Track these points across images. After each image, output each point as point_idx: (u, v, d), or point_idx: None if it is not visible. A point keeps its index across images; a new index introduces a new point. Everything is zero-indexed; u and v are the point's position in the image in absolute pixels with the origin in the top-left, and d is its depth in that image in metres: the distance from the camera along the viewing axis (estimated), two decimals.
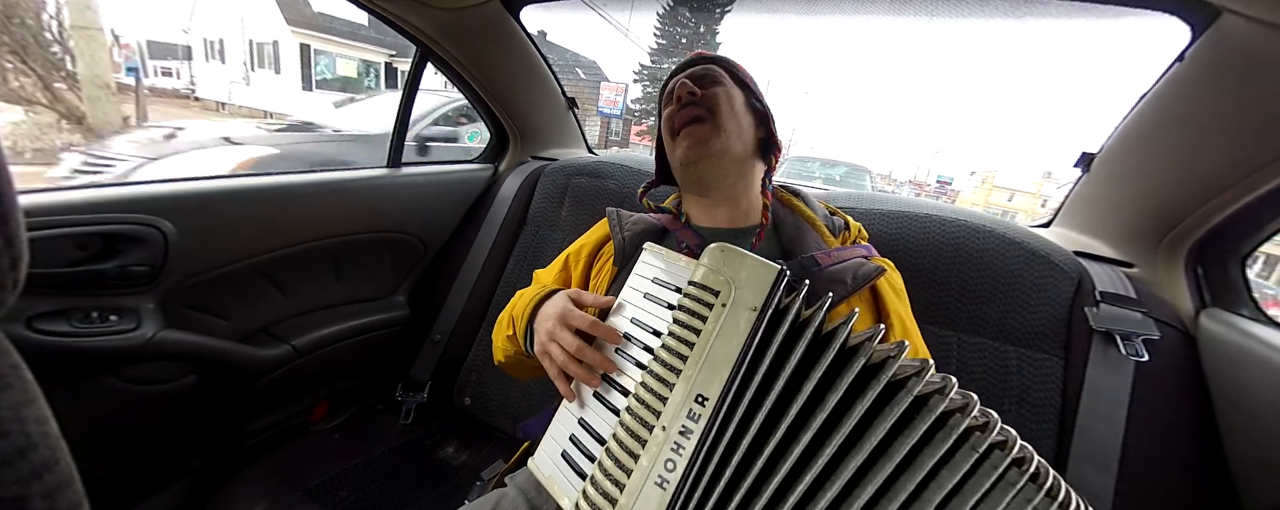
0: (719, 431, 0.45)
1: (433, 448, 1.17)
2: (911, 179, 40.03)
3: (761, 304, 0.47)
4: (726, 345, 0.47)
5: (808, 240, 0.76)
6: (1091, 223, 1.06)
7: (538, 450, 0.59)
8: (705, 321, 0.48)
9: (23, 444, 0.31)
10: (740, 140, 0.76)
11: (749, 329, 0.46)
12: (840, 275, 0.69)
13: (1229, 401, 0.78)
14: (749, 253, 0.50)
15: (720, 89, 0.76)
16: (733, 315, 0.47)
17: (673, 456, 0.45)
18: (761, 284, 0.47)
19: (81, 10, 6.11)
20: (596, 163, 1.33)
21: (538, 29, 12.28)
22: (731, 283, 0.48)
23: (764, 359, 0.46)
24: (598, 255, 0.84)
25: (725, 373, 0.46)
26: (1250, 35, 0.67)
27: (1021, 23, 1.07)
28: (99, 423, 0.91)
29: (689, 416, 0.46)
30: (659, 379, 0.49)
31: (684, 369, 0.47)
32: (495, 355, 0.81)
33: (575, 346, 0.57)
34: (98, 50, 6.44)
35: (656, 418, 0.47)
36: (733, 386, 0.46)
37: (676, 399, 0.47)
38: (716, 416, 0.45)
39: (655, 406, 0.48)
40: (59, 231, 0.79)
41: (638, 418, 0.48)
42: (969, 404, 0.44)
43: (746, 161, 0.78)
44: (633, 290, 0.59)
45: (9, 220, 0.31)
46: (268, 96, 14.22)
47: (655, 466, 0.46)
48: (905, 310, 0.73)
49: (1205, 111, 0.79)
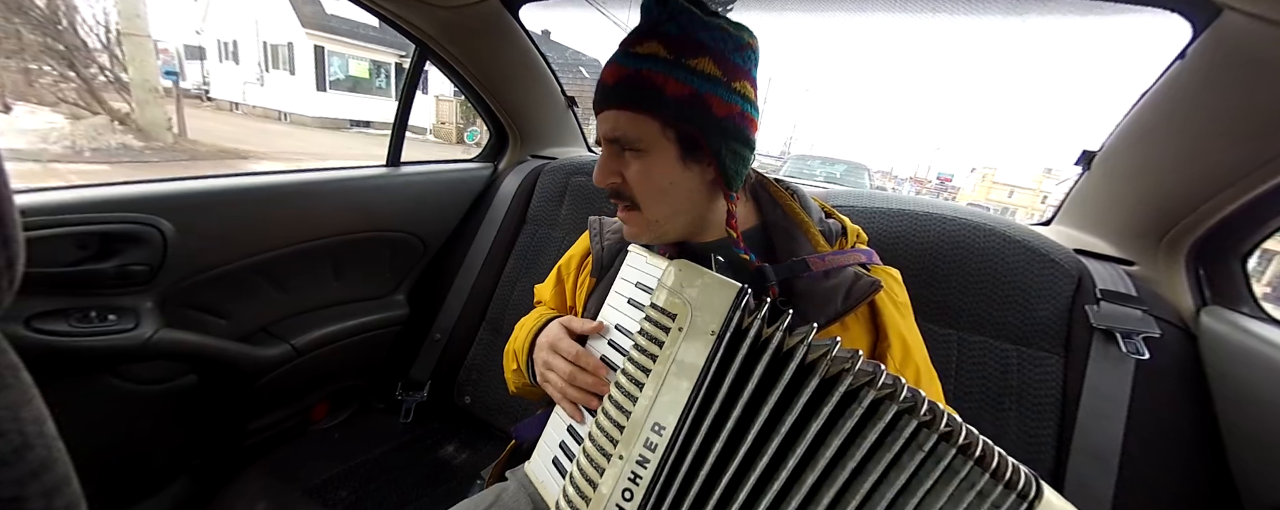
0: (676, 461, 0.45)
1: (433, 447, 1.17)
2: (913, 175, 40.09)
3: (719, 327, 0.45)
4: (682, 372, 0.45)
5: (797, 245, 0.69)
6: (1092, 220, 1.06)
7: (534, 454, 0.59)
8: (661, 347, 0.47)
9: (20, 443, 0.31)
10: (678, 211, 0.66)
11: (707, 354, 0.45)
12: (831, 295, 0.64)
13: (1229, 399, 0.78)
14: (707, 271, 0.48)
15: (643, 171, 0.62)
16: (690, 340, 0.46)
17: (630, 486, 0.45)
18: (721, 304, 0.46)
19: (131, 19, 6.70)
20: (596, 162, 1.33)
21: (541, 28, 12.09)
22: (689, 305, 0.47)
23: (723, 383, 0.45)
24: (582, 266, 0.82)
25: (682, 401, 0.45)
26: (1251, 32, 0.67)
27: (1023, 20, 1.07)
28: (98, 422, 0.91)
29: (646, 446, 0.45)
30: (617, 406, 0.48)
31: (639, 396, 0.46)
32: (509, 387, 0.81)
33: (568, 373, 0.57)
34: (145, 56, 7.05)
35: (614, 446, 0.46)
36: (690, 415, 0.44)
37: (632, 428, 0.46)
38: (673, 445, 0.44)
39: (613, 435, 0.47)
40: (57, 231, 0.79)
41: (597, 446, 0.48)
42: (916, 404, 0.43)
43: (700, 211, 0.68)
44: (618, 295, 0.59)
45: (6, 220, 0.31)
46: (282, 97, 14.43)
47: (613, 495, 0.45)
48: (907, 325, 0.67)
49: (1206, 109, 0.78)
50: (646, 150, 0.62)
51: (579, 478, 0.48)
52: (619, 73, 0.61)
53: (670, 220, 0.66)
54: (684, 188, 0.65)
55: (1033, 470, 0.44)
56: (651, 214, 0.65)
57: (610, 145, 0.64)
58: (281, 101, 14.46)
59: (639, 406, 0.46)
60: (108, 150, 6.74)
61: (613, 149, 0.64)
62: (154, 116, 7.20)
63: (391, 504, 0.97)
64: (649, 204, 0.64)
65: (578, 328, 0.61)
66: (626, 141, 0.62)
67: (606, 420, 0.48)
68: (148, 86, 7.09)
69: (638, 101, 0.60)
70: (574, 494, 0.48)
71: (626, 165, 0.63)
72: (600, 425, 0.48)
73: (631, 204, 0.65)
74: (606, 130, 0.64)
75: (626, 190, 0.64)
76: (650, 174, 0.63)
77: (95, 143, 6.75)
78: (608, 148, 0.64)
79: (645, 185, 0.63)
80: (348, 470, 1.04)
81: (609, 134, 0.63)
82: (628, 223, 0.67)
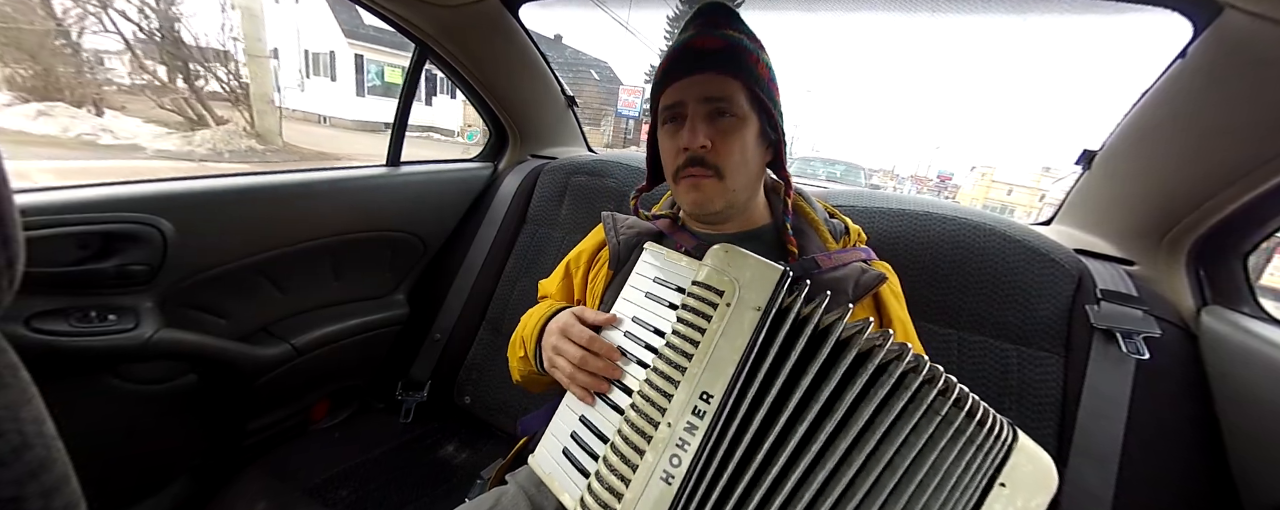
0: (724, 427, 0.46)
1: (433, 446, 1.17)
2: (913, 174, 40.35)
3: (765, 303, 0.48)
4: (731, 344, 0.48)
5: (811, 246, 0.74)
6: (1092, 220, 1.06)
7: (538, 447, 0.59)
8: (710, 320, 0.49)
9: (19, 443, 0.31)
10: (747, 186, 0.71)
11: (753, 328, 0.47)
12: (842, 284, 0.68)
13: (1230, 399, 0.78)
14: (752, 254, 0.51)
15: (735, 138, 0.66)
16: (737, 315, 0.48)
17: (678, 452, 0.46)
18: (765, 284, 0.48)
19: (253, 41, 8.21)
20: (596, 161, 1.33)
21: (553, 33, 12.61)
22: (736, 283, 0.49)
23: (767, 356, 0.47)
24: (594, 260, 0.83)
25: (730, 371, 0.47)
26: (1252, 31, 0.67)
27: (1024, 19, 1.07)
28: (98, 422, 0.91)
29: (694, 413, 0.47)
30: (664, 377, 0.49)
31: (689, 367, 0.48)
32: (512, 375, 0.81)
33: (578, 357, 0.58)
34: (264, 73, 8.57)
35: (662, 415, 0.48)
36: (737, 383, 0.47)
37: (682, 396, 0.48)
38: (721, 413, 0.46)
39: (661, 403, 0.49)
40: (57, 231, 0.79)
41: (643, 415, 0.49)
42: (935, 376, 0.48)
43: (754, 192, 0.74)
44: (634, 289, 0.60)
45: (5, 219, 0.31)
46: (322, 102, 15.54)
47: (660, 462, 0.47)
48: (905, 315, 0.73)
49: (1207, 108, 0.78)
50: (741, 117, 0.66)
51: (624, 446, 0.49)
52: (715, 42, 0.66)
53: (741, 192, 0.70)
54: (757, 164, 0.70)
55: (1011, 420, 0.51)
56: (733, 182, 0.68)
57: (705, 108, 0.66)
58: (323, 106, 15.56)
59: (686, 377, 0.48)
60: (239, 152, 8.18)
61: (707, 113, 0.66)
62: (269, 124, 8.77)
63: (391, 504, 0.97)
64: (733, 171, 0.67)
65: (591, 318, 0.62)
66: (725, 106, 0.65)
67: (653, 391, 0.49)
68: (264, 98, 8.64)
69: (738, 68, 0.65)
70: (619, 462, 0.49)
71: (720, 132, 0.66)
72: (646, 396, 0.50)
73: (715, 171, 0.67)
74: (701, 94, 0.66)
75: (712, 157, 0.66)
76: (743, 141, 0.67)
77: (230, 146, 8.21)
78: (700, 111, 0.66)
79: (736, 152, 0.66)
80: (348, 470, 1.04)
81: (707, 94, 0.65)
82: (700, 190, 0.68)
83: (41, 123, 7.47)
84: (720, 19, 0.68)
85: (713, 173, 0.67)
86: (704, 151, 0.66)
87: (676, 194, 0.73)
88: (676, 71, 0.68)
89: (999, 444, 0.48)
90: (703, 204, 0.69)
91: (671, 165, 0.71)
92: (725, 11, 0.69)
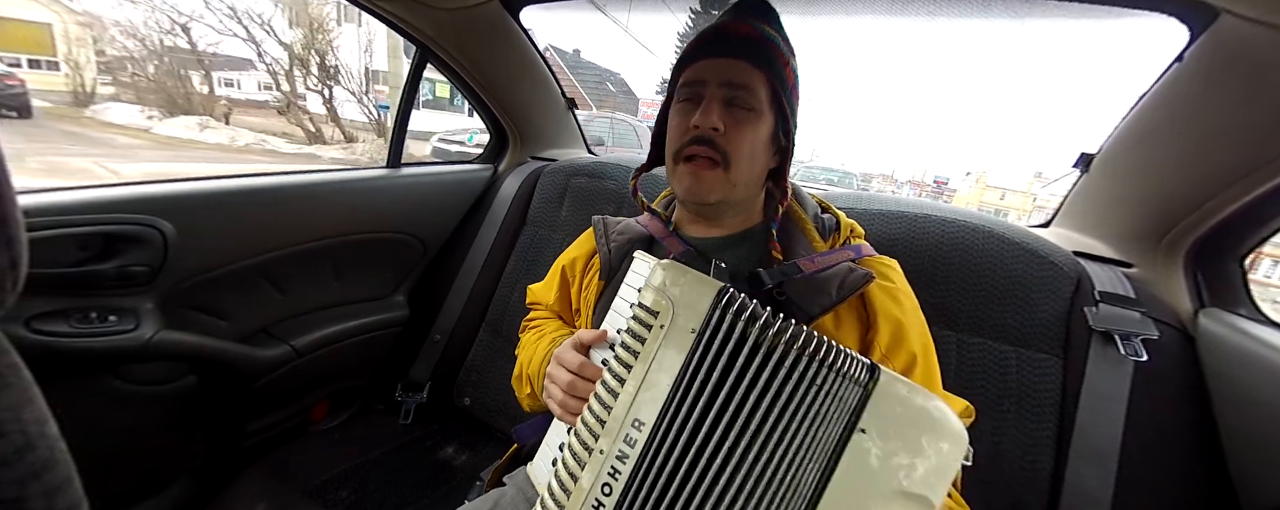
0: (654, 456, 0.45)
1: (432, 448, 1.17)
2: (910, 179, 40.81)
3: (700, 324, 0.46)
4: (662, 368, 0.46)
5: (796, 246, 0.71)
6: (1090, 223, 1.06)
7: (536, 457, 0.60)
8: (644, 343, 0.48)
9: (21, 444, 0.31)
10: (748, 185, 0.69)
11: (686, 351, 0.46)
12: (825, 286, 0.65)
13: (1228, 401, 0.78)
14: (692, 271, 0.49)
15: (747, 130, 0.64)
16: (671, 337, 0.47)
17: (609, 480, 0.46)
18: (701, 303, 0.47)
19: (397, 76, 9.09)
20: (596, 163, 1.33)
21: (572, 48, 13.80)
22: (672, 303, 0.47)
23: (699, 379, 0.46)
24: (587, 269, 0.82)
25: (663, 396, 0.46)
26: (1248, 36, 0.67)
27: (1021, 23, 1.07)
28: (99, 423, 0.91)
29: (625, 442, 0.46)
30: (602, 403, 0.48)
31: (621, 392, 0.47)
32: (522, 406, 0.80)
33: (567, 381, 0.57)
34: (395, 98, 8.91)
35: (595, 441, 0.47)
36: (668, 411, 0.45)
37: (614, 423, 0.47)
38: (651, 441, 0.45)
39: (595, 429, 0.48)
40: (58, 232, 0.79)
41: (580, 441, 0.49)
42: (807, 342, 0.45)
43: (753, 194, 0.72)
44: (622, 301, 0.59)
45: (8, 221, 0.31)
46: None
47: (593, 490, 0.46)
48: (899, 309, 0.67)
49: (1204, 112, 0.79)
50: (757, 111, 0.64)
51: (562, 472, 0.49)
52: (749, 30, 0.64)
53: (741, 189, 0.68)
54: (762, 164, 0.68)
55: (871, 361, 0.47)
56: (735, 175, 0.65)
57: (724, 92, 0.64)
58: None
59: (620, 402, 0.47)
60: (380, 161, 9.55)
61: (724, 98, 0.64)
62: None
63: (391, 505, 0.97)
64: (738, 163, 0.65)
65: (586, 339, 0.61)
66: (744, 97, 0.64)
67: (591, 416, 0.49)
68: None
69: (767, 61, 0.64)
70: (557, 487, 0.49)
71: (734, 120, 0.64)
72: (585, 421, 0.49)
73: (721, 159, 0.64)
74: (724, 77, 0.64)
75: (722, 142, 0.64)
76: (756, 135, 0.65)
77: (375, 156, 9.11)
78: (718, 94, 0.64)
79: (746, 145, 0.64)
80: (347, 471, 1.04)
81: (730, 79, 0.63)
82: (701, 180, 0.66)
83: (206, 134, 8.88)
84: (761, 12, 0.67)
85: (718, 160, 0.64)
86: (714, 134, 0.63)
87: (674, 178, 0.70)
88: (704, 51, 0.66)
89: (849, 383, 0.44)
90: (699, 194, 0.67)
91: (676, 143, 0.67)
92: (766, 7, 0.67)
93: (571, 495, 0.47)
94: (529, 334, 0.84)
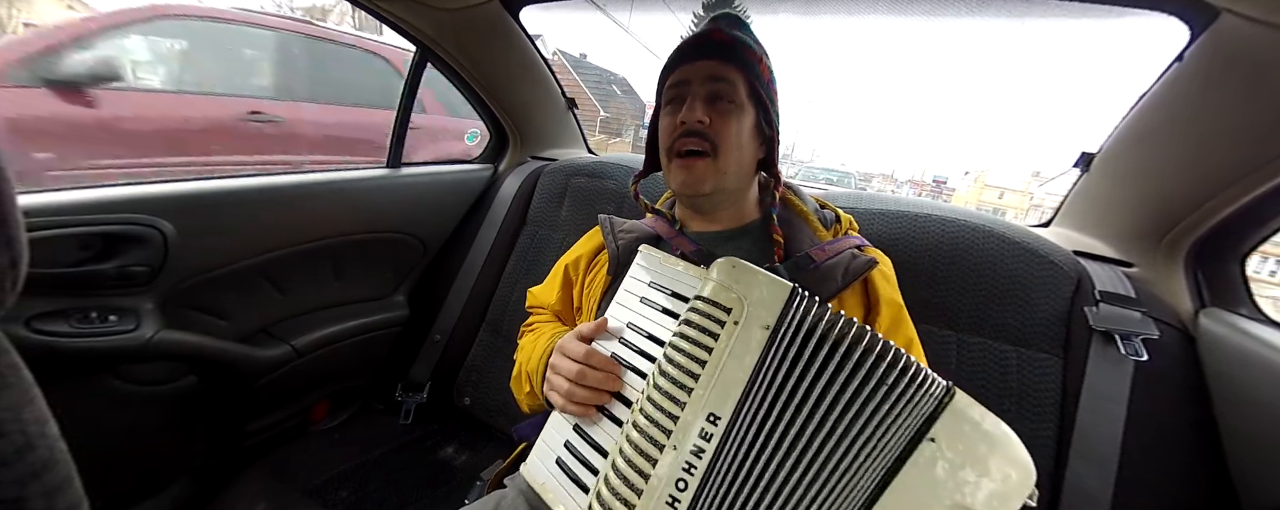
0: (732, 448, 0.46)
1: (432, 448, 1.17)
2: (910, 178, 41.02)
3: (774, 322, 0.47)
4: (739, 364, 0.47)
5: (802, 236, 0.76)
6: (1091, 222, 1.06)
7: (531, 456, 0.59)
8: (716, 339, 0.48)
9: (21, 444, 0.31)
10: (738, 174, 0.74)
11: (762, 347, 0.47)
12: (832, 272, 0.70)
13: (1228, 401, 0.78)
14: (761, 270, 0.50)
15: (731, 120, 0.71)
16: (745, 334, 0.47)
17: (685, 476, 0.45)
18: (774, 302, 0.48)
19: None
20: (596, 163, 1.33)
21: (579, 52, 15.01)
22: (743, 300, 0.48)
23: (773, 374, 0.47)
24: (593, 265, 0.83)
25: (738, 392, 0.46)
26: (1249, 35, 0.67)
27: (1021, 23, 1.07)
28: (99, 423, 0.91)
29: (701, 436, 0.46)
30: (668, 397, 0.48)
31: (695, 388, 0.47)
32: (521, 407, 0.81)
33: (574, 372, 0.57)
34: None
35: (667, 437, 0.47)
36: (746, 405, 0.46)
37: (688, 418, 0.47)
38: (729, 435, 0.46)
39: (665, 425, 0.47)
40: (58, 232, 0.79)
41: (646, 436, 0.48)
42: (873, 344, 0.48)
43: (745, 184, 0.78)
44: (629, 294, 0.59)
45: (8, 221, 0.31)
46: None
47: (666, 486, 0.46)
48: (896, 295, 0.75)
49: (1204, 111, 0.79)
50: (738, 103, 0.71)
51: (627, 468, 0.48)
52: (728, 36, 0.73)
53: (733, 177, 0.73)
54: (749, 153, 0.74)
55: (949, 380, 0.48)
56: (725, 163, 0.71)
57: (707, 89, 0.71)
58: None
59: (693, 398, 0.47)
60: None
61: (708, 94, 0.72)
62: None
63: (391, 505, 0.97)
64: (727, 152, 0.71)
65: (586, 332, 0.61)
66: (725, 90, 0.71)
67: (657, 411, 0.48)
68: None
69: (743, 61, 0.72)
70: (620, 484, 0.47)
71: (718, 113, 0.71)
72: (648, 415, 0.48)
73: (710, 149, 0.71)
74: (708, 76, 0.72)
75: (711, 133, 0.70)
76: (740, 126, 0.71)
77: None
78: (704, 92, 0.72)
79: (732, 134, 0.71)
80: (347, 471, 1.04)
81: (713, 74, 0.71)
82: (692, 171, 0.72)
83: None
84: (732, 21, 0.76)
85: (707, 150, 0.70)
86: (701, 126, 0.70)
87: (669, 176, 0.75)
88: (686, 56, 0.74)
89: (925, 396, 0.46)
90: (693, 185, 0.72)
91: (667, 140, 0.74)
92: (736, 18, 0.76)
93: (643, 494, 0.46)
94: (527, 337, 0.85)
